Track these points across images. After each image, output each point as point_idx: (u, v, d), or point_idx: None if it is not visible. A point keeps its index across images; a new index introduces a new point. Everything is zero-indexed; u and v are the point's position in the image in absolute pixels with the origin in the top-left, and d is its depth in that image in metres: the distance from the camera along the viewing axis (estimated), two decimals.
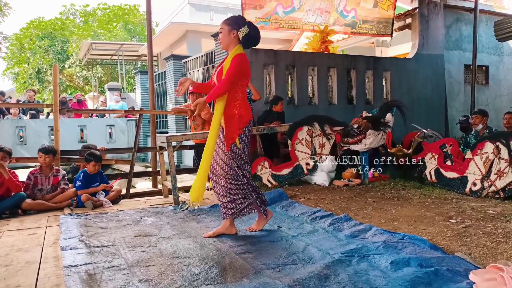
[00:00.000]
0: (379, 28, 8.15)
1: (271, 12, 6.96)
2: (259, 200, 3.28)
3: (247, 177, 3.19)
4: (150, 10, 6.81)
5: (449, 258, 2.49)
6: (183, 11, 14.86)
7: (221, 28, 3.17)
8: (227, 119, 3.13)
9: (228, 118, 3.13)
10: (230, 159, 3.12)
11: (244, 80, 3.16)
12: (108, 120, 12.07)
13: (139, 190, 6.79)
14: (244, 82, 3.17)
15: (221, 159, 3.15)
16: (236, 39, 3.14)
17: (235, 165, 3.13)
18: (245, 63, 3.12)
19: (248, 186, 3.19)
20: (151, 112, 6.89)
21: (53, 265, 2.66)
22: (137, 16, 26.60)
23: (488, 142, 4.45)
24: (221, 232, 3.22)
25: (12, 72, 25.55)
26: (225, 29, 3.14)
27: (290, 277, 2.30)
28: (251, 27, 3.17)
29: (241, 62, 3.07)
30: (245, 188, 3.18)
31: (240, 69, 3.07)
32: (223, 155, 3.14)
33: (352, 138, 5.42)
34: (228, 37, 3.14)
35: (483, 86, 9.69)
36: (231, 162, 3.12)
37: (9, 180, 4.16)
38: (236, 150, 3.12)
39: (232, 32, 3.12)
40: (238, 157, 3.13)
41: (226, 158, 3.13)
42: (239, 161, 3.14)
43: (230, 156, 3.12)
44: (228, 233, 3.22)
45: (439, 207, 3.96)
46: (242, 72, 3.10)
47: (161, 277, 2.36)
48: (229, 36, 3.13)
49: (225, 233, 3.21)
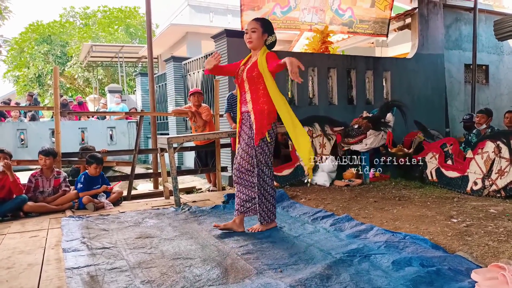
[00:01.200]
0: (375, 28, 8.15)
1: (269, 12, 6.97)
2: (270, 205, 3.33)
3: (270, 177, 3.28)
4: (150, 12, 6.82)
5: (450, 257, 2.49)
6: (183, 12, 14.88)
7: (254, 28, 3.23)
8: (257, 114, 3.22)
9: (258, 113, 3.22)
10: (259, 154, 3.21)
11: (272, 77, 3.20)
12: (109, 122, 12.07)
13: (140, 191, 6.80)
14: (271, 78, 3.20)
15: (248, 155, 3.25)
16: (264, 42, 3.27)
17: (263, 161, 3.22)
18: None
19: (268, 188, 3.27)
20: (152, 114, 6.89)
21: (55, 267, 2.66)
22: (137, 18, 26.62)
23: (489, 141, 4.46)
24: (230, 227, 3.30)
25: (13, 75, 25.58)
26: (259, 31, 3.23)
27: (292, 278, 2.30)
28: (275, 37, 3.33)
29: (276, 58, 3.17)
30: (267, 189, 3.26)
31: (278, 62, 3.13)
32: (251, 150, 3.24)
33: (352, 138, 5.43)
34: (261, 39, 3.25)
35: (483, 85, 9.69)
36: (260, 157, 3.21)
37: (13, 182, 4.17)
38: (263, 146, 3.20)
39: (265, 35, 3.25)
40: (265, 154, 3.23)
41: (254, 153, 3.22)
42: (266, 158, 3.23)
43: (259, 152, 3.20)
44: (235, 230, 3.30)
45: (440, 206, 3.96)
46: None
47: (163, 279, 2.36)
48: (262, 38, 3.24)
49: (233, 229, 3.29)
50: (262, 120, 3.20)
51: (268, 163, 3.26)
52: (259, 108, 3.21)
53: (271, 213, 3.34)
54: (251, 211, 3.36)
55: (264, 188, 3.26)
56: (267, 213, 3.31)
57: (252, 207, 3.35)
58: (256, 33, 3.22)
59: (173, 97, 9.62)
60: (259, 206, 3.28)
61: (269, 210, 3.32)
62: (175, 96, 9.53)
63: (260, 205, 3.28)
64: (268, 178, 3.27)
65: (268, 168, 3.26)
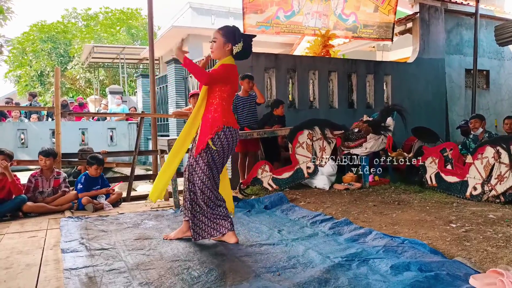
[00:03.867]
0: (380, 33, 8.18)
1: (273, 16, 6.98)
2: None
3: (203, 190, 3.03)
4: (152, 14, 6.85)
5: (449, 262, 2.49)
6: (185, 15, 14.90)
7: (215, 38, 3.07)
8: (202, 124, 3.07)
9: (203, 123, 3.07)
10: (196, 166, 3.01)
11: (225, 87, 3.05)
12: (109, 123, 12.08)
13: (140, 193, 6.80)
14: (225, 89, 3.06)
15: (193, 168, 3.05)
16: (229, 51, 3.08)
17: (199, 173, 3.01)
18: (231, 71, 3.07)
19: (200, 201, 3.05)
20: (152, 116, 6.91)
21: (53, 267, 2.66)
22: (139, 20, 26.68)
23: (489, 146, 4.46)
24: (223, 240, 3.12)
25: (14, 75, 25.62)
26: (220, 41, 3.06)
27: (290, 281, 2.30)
28: (246, 42, 3.10)
29: (227, 69, 3.04)
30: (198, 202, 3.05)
31: (223, 73, 3.01)
32: (194, 163, 3.04)
33: (352, 142, 5.44)
34: (222, 50, 3.07)
35: (484, 90, 9.70)
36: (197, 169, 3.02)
37: (12, 182, 4.18)
38: (203, 156, 2.99)
39: (227, 45, 3.06)
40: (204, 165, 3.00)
41: (192, 165, 3.04)
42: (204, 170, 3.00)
43: (197, 164, 3.01)
44: (228, 242, 3.10)
45: (440, 211, 3.96)
46: (224, 76, 3.03)
47: (161, 280, 2.36)
48: (223, 48, 3.06)
49: (225, 241, 3.11)
50: (204, 130, 3.01)
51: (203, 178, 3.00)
52: (203, 118, 3.06)
53: (208, 227, 3.07)
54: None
55: (195, 201, 3.05)
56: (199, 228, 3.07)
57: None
58: (216, 43, 3.05)
59: (173, 99, 9.64)
60: (191, 221, 3.09)
61: (205, 224, 3.07)
62: (175, 98, 9.54)
63: (192, 220, 3.08)
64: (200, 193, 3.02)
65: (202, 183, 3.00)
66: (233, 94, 3.23)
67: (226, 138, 3.03)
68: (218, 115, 3.03)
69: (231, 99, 3.19)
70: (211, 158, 3.02)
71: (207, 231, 3.09)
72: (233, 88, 3.16)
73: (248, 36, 3.21)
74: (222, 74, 3.02)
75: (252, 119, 5.71)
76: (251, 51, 3.20)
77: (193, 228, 3.08)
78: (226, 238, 3.10)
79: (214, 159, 3.04)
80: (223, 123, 3.01)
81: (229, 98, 3.13)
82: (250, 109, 5.70)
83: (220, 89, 3.06)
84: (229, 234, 3.10)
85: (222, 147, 3.03)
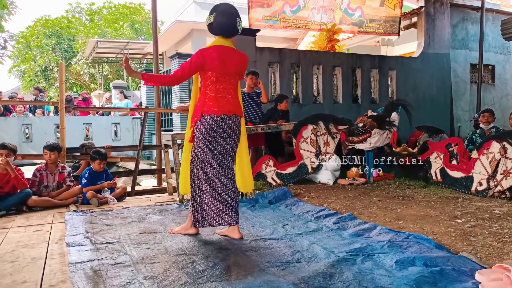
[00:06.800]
0: (386, 27, 8.12)
1: (279, 11, 6.96)
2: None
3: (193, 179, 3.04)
4: (156, 8, 6.83)
5: (454, 257, 2.48)
6: (188, 9, 14.84)
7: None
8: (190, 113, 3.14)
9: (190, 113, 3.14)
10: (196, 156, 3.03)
11: (205, 74, 2.96)
12: (114, 118, 12.10)
13: (144, 187, 6.83)
14: (206, 76, 2.96)
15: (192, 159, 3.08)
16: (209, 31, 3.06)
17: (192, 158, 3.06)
18: (205, 56, 2.91)
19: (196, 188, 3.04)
20: (156, 110, 6.91)
21: (58, 261, 2.67)
22: (142, 15, 26.65)
23: (495, 141, 4.42)
24: (226, 234, 3.13)
25: (18, 70, 25.71)
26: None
27: (295, 275, 2.30)
28: (221, 14, 3.01)
29: (197, 56, 2.93)
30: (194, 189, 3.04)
31: (193, 62, 2.91)
32: (192, 153, 3.08)
33: (357, 137, 5.41)
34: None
35: (489, 85, 9.63)
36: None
37: (15, 177, 4.19)
38: (195, 146, 3.01)
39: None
40: (193, 151, 3.04)
41: (194, 156, 3.06)
42: (193, 154, 3.03)
43: (196, 153, 3.03)
44: (232, 237, 3.09)
45: (445, 206, 3.94)
46: (197, 64, 2.91)
47: (166, 274, 2.37)
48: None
49: (229, 236, 3.11)
50: (190, 120, 3.08)
51: (205, 167, 2.99)
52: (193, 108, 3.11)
53: (200, 215, 3.03)
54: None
55: (192, 188, 3.07)
56: (199, 215, 3.05)
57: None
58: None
59: (177, 94, 9.63)
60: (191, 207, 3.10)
61: (206, 213, 3.03)
62: (179, 93, 9.53)
63: (193, 205, 3.07)
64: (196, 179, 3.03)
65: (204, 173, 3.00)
66: (223, 78, 2.98)
67: (206, 127, 2.94)
68: (198, 105, 3.02)
69: (220, 84, 2.98)
70: (202, 148, 2.98)
71: (207, 219, 3.03)
72: (219, 72, 2.95)
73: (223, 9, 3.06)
74: (192, 64, 2.92)
75: (257, 116, 5.70)
76: (226, 21, 3.02)
77: (194, 214, 3.06)
78: (230, 233, 3.10)
79: (205, 148, 2.97)
80: (201, 111, 2.96)
81: (214, 84, 2.96)
82: (255, 106, 5.68)
83: (203, 76, 3.02)
84: (233, 229, 3.09)
85: (206, 135, 2.95)
